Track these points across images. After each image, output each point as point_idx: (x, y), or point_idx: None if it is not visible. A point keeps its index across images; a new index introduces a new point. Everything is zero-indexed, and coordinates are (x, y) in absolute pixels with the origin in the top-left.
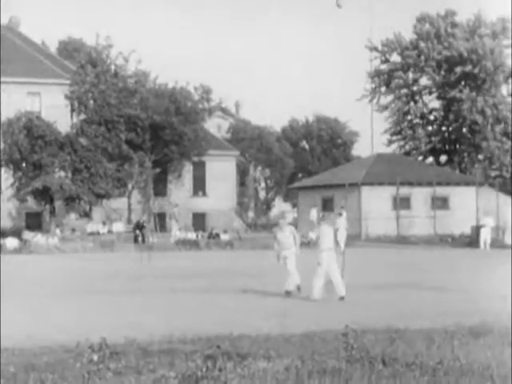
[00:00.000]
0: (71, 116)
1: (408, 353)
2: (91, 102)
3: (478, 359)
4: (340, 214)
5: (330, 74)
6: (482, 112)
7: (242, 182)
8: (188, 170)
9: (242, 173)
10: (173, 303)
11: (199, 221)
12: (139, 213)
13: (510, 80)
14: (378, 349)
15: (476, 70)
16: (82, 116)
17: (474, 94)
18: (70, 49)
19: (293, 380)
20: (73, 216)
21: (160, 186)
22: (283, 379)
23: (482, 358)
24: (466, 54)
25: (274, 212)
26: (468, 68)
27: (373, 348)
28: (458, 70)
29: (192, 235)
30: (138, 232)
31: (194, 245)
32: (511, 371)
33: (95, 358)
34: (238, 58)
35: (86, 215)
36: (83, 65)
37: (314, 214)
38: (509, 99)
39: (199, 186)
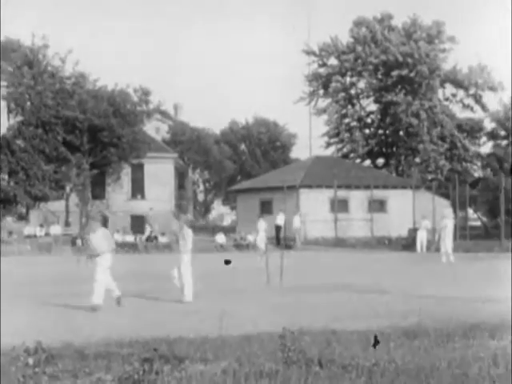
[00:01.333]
0: (8, 118)
1: (344, 354)
2: (28, 103)
3: (414, 360)
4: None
5: (269, 78)
6: (418, 115)
7: (180, 184)
8: (126, 173)
9: (181, 175)
10: (110, 306)
11: (138, 223)
12: (77, 215)
13: (445, 84)
14: (314, 350)
15: (412, 74)
16: (19, 118)
17: (409, 97)
18: (6, 49)
19: (230, 382)
20: (9, 219)
21: (98, 189)
22: (220, 382)
23: (417, 359)
24: (402, 58)
25: (213, 215)
26: (404, 72)
27: (310, 350)
28: (395, 73)
29: (130, 238)
30: (77, 235)
31: (132, 247)
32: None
33: (31, 361)
34: (177, 61)
35: (23, 218)
36: (19, 66)
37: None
38: (445, 103)
39: (138, 189)
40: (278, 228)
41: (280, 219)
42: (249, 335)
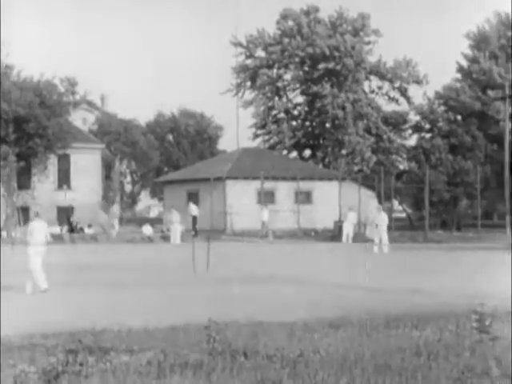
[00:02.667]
0: None
1: (270, 345)
2: None
3: (338, 351)
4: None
5: (195, 69)
6: (343, 108)
7: (107, 175)
8: (52, 164)
9: (108, 166)
10: (35, 298)
11: (64, 215)
12: (3, 207)
13: (371, 77)
14: (240, 342)
15: (338, 67)
16: None
17: (336, 90)
18: None
19: (155, 373)
20: None
21: (24, 180)
22: (145, 373)
23: (342, 349)
24: (328, 51)
25: (139, 206)
26: (331, 65)
27: (235, 341)
28: (321, 66)
29: (56, 229)
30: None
31: (58, 239)
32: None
33: None
34: (105, 52)
35: None
36: None
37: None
38: (370, 96)
39: (64, 180)
40: (194, 218)
41: (194, 210)
42: (174, 326)
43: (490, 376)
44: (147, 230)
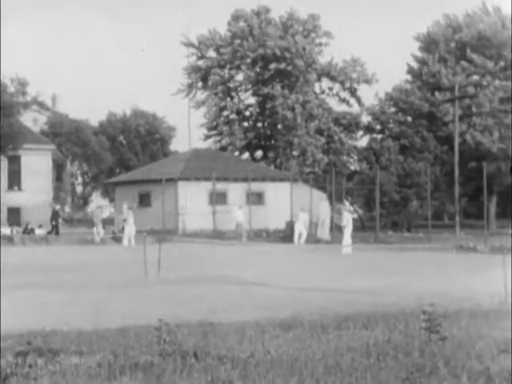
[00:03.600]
0: None
1: (220, 346)
2: None
3: (288, 351)
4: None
5: (147, 69)
6: (294, 109)
7: (58, 176)
8: (3, 165)
9: (59, 167)
10: None
11: (14, 216)
12: None
13: (322, 78)
14: (190, 343)
15: (289, 68)
16: None
17: (286, 91)
18: None
19: (104, 375)
20: None
21: None
22: (95, 374)
23: (292, 350)
24: (279, 52)
25: (91, 207)
26: (282, 66)
27: (185, 342)
28: (272, 67)
29: (6, 230)
30: None
31: (8, 240)
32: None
33: None
34: (55, 52)
35: None
36: None
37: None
38: (321, 97)
39: (14, 181)
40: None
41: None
42: (125, 328)
43: (438, 376)
44: (98, 231)
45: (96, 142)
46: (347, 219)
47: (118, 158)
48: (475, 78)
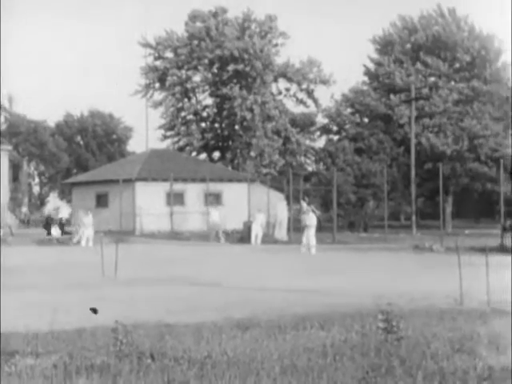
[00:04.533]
0: None
1: (177, 347)
2: None
3: (245, 352)
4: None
5: (104, 70)
6: (252, 110)
7: (15, 177)
8: None
9: (16, 168)
10: None
11: None
12: None
13: (279, 78)
14: (147, 344)
15: (247, 69)
16: None
17: (244, 92)
18: None
19: (61, 376)
20: None
21: None
22: (51, 376)
23: (249, 350)
24: (236, 53)
25: (48, 208)
26: (239, 67)
27: (142, 343)
28: (230, 68)
29: None
30: None
31: None
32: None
33: None
34: (11, 53)
35: None
36: None
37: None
38: (278, 98)
39: None
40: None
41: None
42: (81, 329)
43: (393, 375)
44: (56, 231)
45: (53, 143)
46: (311, 219)
47: (75, 158)
48: (431, 79)
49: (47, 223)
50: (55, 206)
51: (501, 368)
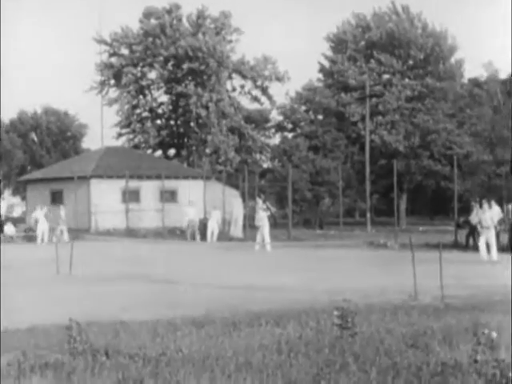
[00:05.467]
0: None
1: (132, 344)
2: None
3: (200, 349)
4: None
5: (59, 66)
6: (207, 107)
7: None
8: None
9: None
10: None
11: None
12: None
13: (233, 75)
14: (101, 341)
15: (202, 67)
16: None
17: (199, 89)
18: None
19: (14, 375)
20: None
21: None
22: (5, 374)
23: (204, 347)
24: (191, 51)
25: (1, 206)
26: (194, 64)
27: (97, 340)
28: (185, 65)
29: None
30: None
31: None
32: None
33: None
34: None
35: None
36: None
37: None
38: (233, 94)
39: None
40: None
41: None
42: (35, 327)
43: (348, 371)
44: (9, 229)
45: (7, 140)
46: (261, 218)
47: (29, 155)
48: (385, 77)
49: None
50: (9, 203)
51: (453, 364)
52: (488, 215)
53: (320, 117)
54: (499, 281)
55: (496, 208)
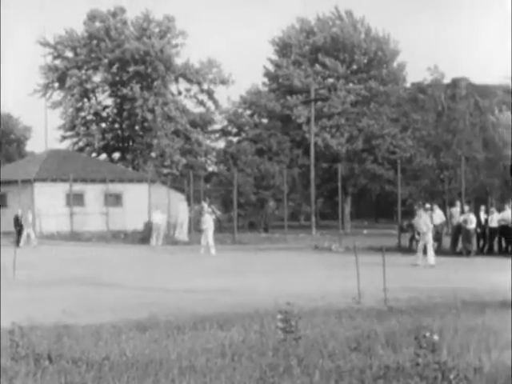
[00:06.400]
0: None
1: (75, 349)
2: None
3: (144, 353)
4: None
5: (1, 69)
6: (153, 111)
7: None
8: None
9: None
10: None
11: None
12: None
13: (179, 79)
14: (44, 345)
15: (148, 70)
16: None
17: (145, 92)
18: None
19: None
20: None
21: None
22: None
23: (148, 351)
24: (136, 54)
25: None
26: (140, 67)
27: (39, 345)
28: (131, 69)
29: None
30: None
31: None
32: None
33: None
34: None
35: None
36: None
37: None
38: (178, 98)
39: None
40: None
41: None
42: None
43: (291, 375)
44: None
45: None
46: (206, 221)
47: None
48: (329, 80)
49: None
50: None
51: (396, 367)
52: (423, 220)
53: (265, 120)
54: (441, 284)
55: (438, 212)
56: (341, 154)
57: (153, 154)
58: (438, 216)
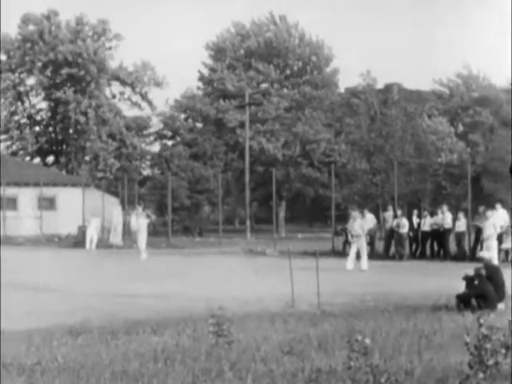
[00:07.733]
0: None
1: (6, 354)
2: None
3: (76, 358)
4: None
5: None
6: (86, 114)
7: None
8: None
9: None
10: None
11: None
12: None
13: (112, 82)
14: None
15: (81, 73)
16: None
17: (79, 95)
18: None
19: None
20: None
21: None
22: None
23: (80, 356)
24: (70, 57)
25: None
26: (73, 70)
27: None
28: (64, 71)
29: None
30: None
31: None
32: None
33: None
34: None
35: None
36: None
37: None
38: (112, 101)
39: None
40: None
41: None
42: None
43: (223, 379)
44: None
45: None
46: (139, 225)
47: None
48: (263, 85)
49: None
50: None
51: (328, 370)
52: (357, 224)
53: (199, 125)
54: (374, 288)
55: (369, 216)
56: (277, 158)
57: (87, 158)
58: (370, 220)
